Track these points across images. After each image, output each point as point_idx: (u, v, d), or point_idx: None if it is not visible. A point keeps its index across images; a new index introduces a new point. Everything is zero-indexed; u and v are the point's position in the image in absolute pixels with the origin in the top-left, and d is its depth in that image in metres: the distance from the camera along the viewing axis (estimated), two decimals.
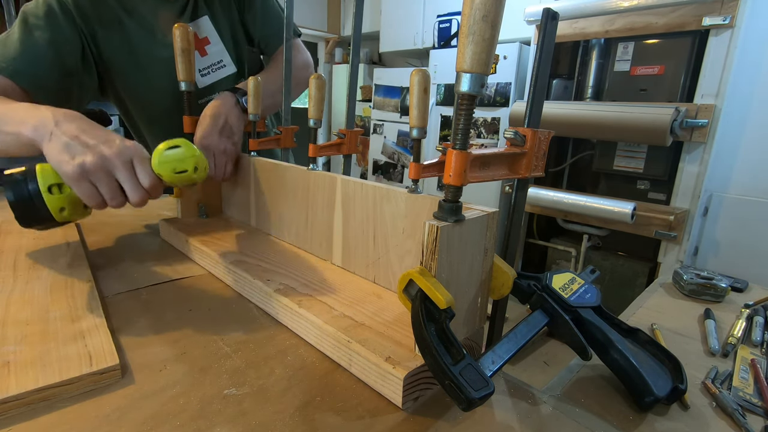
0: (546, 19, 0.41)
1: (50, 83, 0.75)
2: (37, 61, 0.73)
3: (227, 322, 0.49)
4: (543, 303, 0.42)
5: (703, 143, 1.75)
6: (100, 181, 0.50)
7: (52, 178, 0.50)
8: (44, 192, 0.50)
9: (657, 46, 1.89)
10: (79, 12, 0.78)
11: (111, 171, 0.50)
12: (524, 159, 0.45)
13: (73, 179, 0.49)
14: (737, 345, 0.51)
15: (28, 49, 0.73)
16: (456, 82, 0.34)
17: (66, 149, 0.49)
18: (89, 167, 0.49)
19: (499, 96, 2.60)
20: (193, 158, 0.54)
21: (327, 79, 4.63)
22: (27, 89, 0.72)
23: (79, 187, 0.50)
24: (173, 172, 0.52)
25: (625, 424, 0.37)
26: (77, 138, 0.50)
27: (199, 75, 0.94)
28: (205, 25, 0.91)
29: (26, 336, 0.42)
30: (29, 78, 0.72)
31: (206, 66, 0.94)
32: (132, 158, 0.51)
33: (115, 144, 0.50)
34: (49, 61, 0.74)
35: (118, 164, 0.50)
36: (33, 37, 0.73)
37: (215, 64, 0.95)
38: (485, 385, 0.32)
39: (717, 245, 1.93)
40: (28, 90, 0.72)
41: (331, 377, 0.40)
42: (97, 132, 0.51)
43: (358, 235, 0.56)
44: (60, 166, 0.49)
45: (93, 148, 0.49)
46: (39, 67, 0.73)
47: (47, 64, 0.74)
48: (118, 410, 0.35)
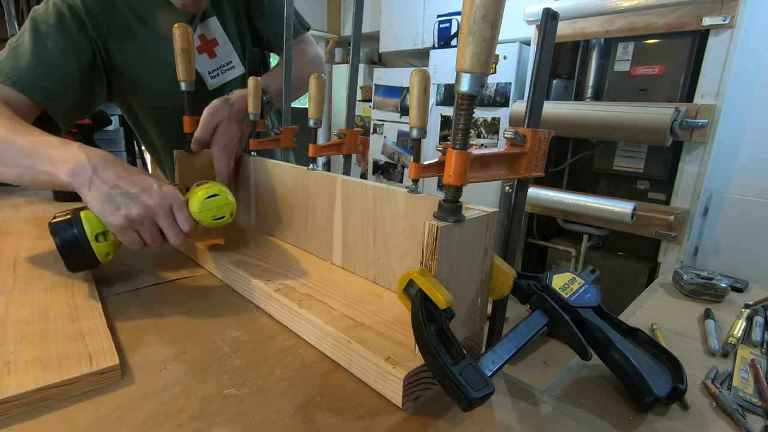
0: (546, 19, 0.41)
1: (62, 96, 0.74)
2: (50, 74, 0.72)
3: (227, 322, 0.49)
4: (543, 303, 0.42)
5: (703, 143, 1.75)
6: (143, 229, 0.53)
7: (98, 227, 0.53)
8: (92, 241, 0.52)
9: (657, 46, 1.89)
10: (91, 19, 0.77)
11: (154, 219, 0.53)
12: (524, 159, 0.45)
13: (119, 230, 0.51)
14: (737, 345, 0.51)
15: (41, 60, 0.71)
16: (456, 82, 0.34)
17: (109, 200, 0.51)
18: (135, 218, 0.51)
19: (499, 96, 2.60)
20: (229, 205, 0.58)
21: (327, 79, 4.63)
22: (40, 102, 0.71)
23: (124, 236, 0.52)
24: (212, 218, 0.57)
25: (625, 424, 0.37)
26: (118, 187, 0.51)
27: (209, 77, 0.94)
28: (214, 26, 0.91)
29: (26, 336, 0.42)
30: (43, 92, 0.71)
31: (216, 68, 0.94)
32: (172, 205, 0.54)
33: (155, 191, 0.52)
34: (62, 72, 0.73)
35: (161, 213, 0.53)
36: (45, 47, 0.72)
37: (225, 66, 0.94)
38: (485, 385, 0.32)
39: (717, 245, 1.93)
40: (41, 103, 0.71)
41: (331, 377, 0.40)
42: (135, 177, 0.53)
43: (358, 235, 0.56)
44: (106, 218, 0.51)
45: (135, 198, 0.51)
46: (52, 79, 0.72)
47: (60, 76, 0.73)
48: (118, 410, 0.35)
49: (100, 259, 0.54)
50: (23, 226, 0.78)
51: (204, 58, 0.92)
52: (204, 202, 0.56)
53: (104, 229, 0.53)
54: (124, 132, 1.58)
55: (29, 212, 0.88)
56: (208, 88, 0.94)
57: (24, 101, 0.69)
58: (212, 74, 0.94)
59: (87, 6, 0.77)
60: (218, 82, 0.95)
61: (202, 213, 0.56)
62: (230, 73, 0.95)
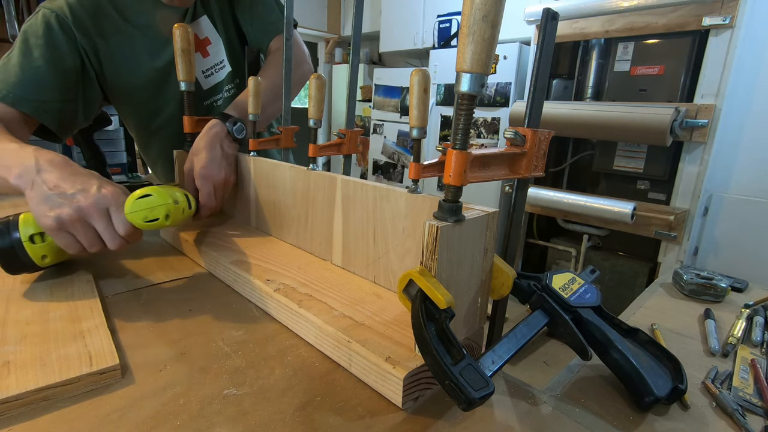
0: (546, 19, 0.41)
1: (53, 105, 0.74)
2: (39, 86, 0.72)
3: (227, 322, 0.49)
4: (543, 303, 0.42)
5: (703, 143, 1.75)
6: (77, 231, 0.51)
7: (33, 228, 0.52)
8: (26, 242, 0.51)
9: (657, 46, 1.89)
10: (79, 26, 0.77)
11: (88, 221, 0.51)
12: (524, 159, 0.45)
13: (51, 230, 0.50)
14: (737, 345, 0.51)
15: (28, 73, 0.71)
16: (456, 82, 0.35)
17: (45, 200, 0.50)
18: (65, 219, 0.50)
19: (499, 96, 2.60)
20: (164, 206, 0.54)
21: (327, 79, 4.64)
22: (30, 114, 0.71)
23: (57, 238, 0.51)
24: (144, 220, 0.53)
25: (625, 424, 0.37)
26: (57, 188, 0.51)
27: (202, 76, 0.93)
28: (204, 25, 0.91)
29: (26, 336, 0.42)
30: (32, 104, 0.71)
31: (209, 66, 0.94)
32: (108, 207, 0.52)
33: (92, 193, 0.51)
34: (51, 83, 0.74)
35: (94, 215, 0.51)
36: (32, 60, 0.72)
37: (217, 65, 0.94)
38: (485, 385, 0.32)
39: (717, 245, 1.93)
40: (32, 115, 0.72)
41: (331, 377, 0.40)
42: (77, 179, 0.52)
43: (358, 235, 0.56)
44: (39, 218, 0.50)
45: (70, 199, 0.50)
46: (41, 92, 0.72)
47: (49, 87, 0.73)
48: (118, 410, 0.35)
49: (37, 262, 0.52)
50: None
51: (198, 58, 0.92)
52: (135, 203, 0.53)
53: (40, 230, 0.52)
54: (124, 132, 1.57)
55: None
56: (203, 87, 0.94)
57: (16, 115, 0.70)
58: (206, 73, 0.94)
59: (74, 13, 0.77)
60: (212, 82, 0.95)
61: (133, 214, 0.52)
62: (222, 72, 0.95)
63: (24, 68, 0.72)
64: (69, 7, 0.77)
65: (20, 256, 0.51)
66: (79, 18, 0.78)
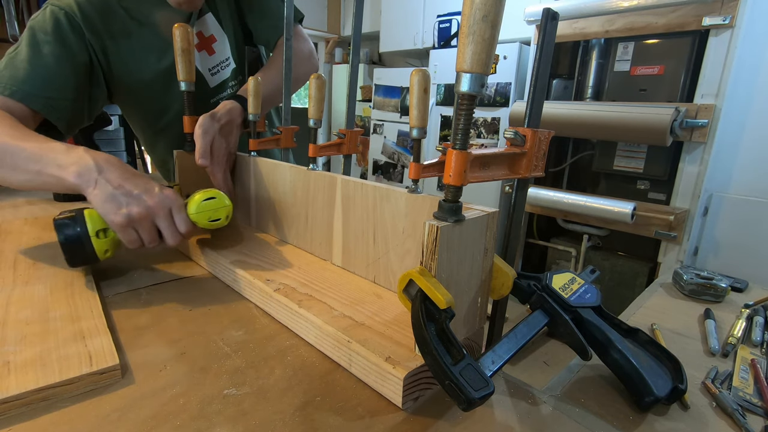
0: (546, 19, 0.41)
1: (62, 103, 0.74)
2: (48, 82, 0.72)
3: (227, 322, 0.49)
4: (543, 303, 0.42)
5: (703, 143, 1.75)
6: (142, 228, 0.55)
7: (99, 224, 0.55)
8: (92, 236, 0.54)
9: (657, 46, 1.89)
10: (87, 23, 0.77)
11: (153, 219, 0.55)
12: (524, 159, 0.45)
13: (119, 226, 0.54)
14: (737, 345, 0.51)
15: (38, 70, 0.71)
16: (456, 82, 0.34)
17: (112, 199, 0.53)
18: (135, 217, 0.54)
19: (499, 96, 2.60)
20: (225, 208, 0.62)
21: (327, 79, 4.63)
22: (39, 111, 0.71)
23: (123, 233, 0.54)
24: (208, 220, 0.60)
25: (625, 424, 0.37)
26: (121, 187, 0.54)
27: (209, 74, 0.93)
28: (210, 23, 0.91)
29: (26, 336, 0.42)
30: (41, 100, 0.71)
31: (215, 64, 0.94)
32: (171, 207, 0.56)
33: (155, 193, 0.56)
34: (59, 80, 0.73)
35: (160, 214, 0.55)
36: (42, 56, 0.72)
37: (223, 62, 0.94)
38: (485, 385, 0.32)
39: (717, 245, 1.93)
40: (41, 112, 0.72)
41: (331, 377, 0.40)
42: (138, 180, 0.56)
43: (358, 235, 0.56)
44: (107, 215, 0.53)
45: (137, 198, 0.54)
46: (49, 88, 0.72)
47: (57, 84, 0.73)
48: (118, 410, 0.35)
49: (99, 256, 0.56)
50: (23, 226, 0.78)
51: (203, 56, 0.92)
52: (201, 204, 0.59)
53: (105, 227, 0.55)
54: (124, 132, 1.57)
55: (29, 212, 0.88)
56: (210, 85, 0.94)
57: (24, 110, 0.70)
58: (212, 71, 0.94)
59: (83, 11, 0.77)
60: (218, 79, 0.95)
61: (199, 214, 0.59)
62: (227, 70, 0.95)
63: (33, 64, 0.71)
64: (78, 5, 0.77)
65: (86, 249, 0.54)
66: (88, 16, 0.78)
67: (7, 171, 0.58)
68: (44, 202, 0.97)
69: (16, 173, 0.58)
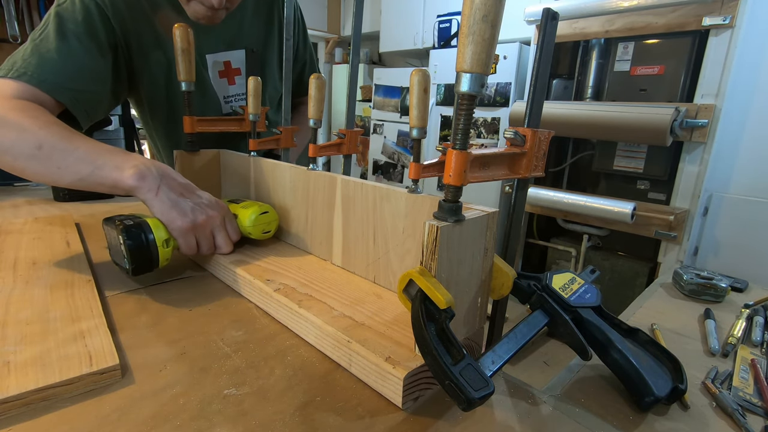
0: (546, 19, 0.41)
1: (89, 96, 0.73)
2: (77, 76, 0.70)
3: (227, 322, 0.49)
4: (543, 303, 0.42)
5: (703, 143, 1.75)
6: (203, 236, 0.58)
7: (164, 233, 0.56)
8: (160, 246, 0.56)
9: (657, 46, 1.89)
10: (117, 16, 0.75)
11: (212, 228, 0.59)
12: (524, 159, 0.45)
13: (182, 233, 0.56)
14: (737, 345, 0.51)
15: (68, 62, 0.69)
16: (456, 82, 0.34)
17: (175, 206, 0.56)
18: (199, 224, 0.57)
19: (499, 96, 2.59)
20: (276, 221, 0.67)
21: (327, 79, 4.64)
22: (65, 103, 0.69)
23: (185, 239, 0.57)
24: (262, 232, 0.65)
25: (625, 424, 0.37)
26: (183, 195, 0.57)
27: (223, 101, 0.95)
28: (239, 58, 0.93)
29: (26, 336, 0.42)
30: (69, 93, 0.69)
31: (232, 94, 0.96)
32: (225, 216, 0.60)
33: (214, 203, 0.60)
34: (88, 73, 0.72)
35: (218, 222, 0.59)
36: (72, 47, 0.70)
37: (239, 95, 0.97)
38: (485, 385, 0.32)
39: (717, 245, 1.93)
40: (67, 105, 0.69)
41: (331, 377, 0.40)
42: (192, 188, 0.60)
43: (358, 235, 0.56)
44: (174, 222, 0.55)
45: (199, 206, 0.58)
46: (78, 81, 0.70)
47: (87, 78, 0.72)
48: (118, 410, 0.35)
49: (161, 264, 0.57)
50: (23, 226, 0.78)
51: (223, 83, 0.94)
52: (258, 218, 0.64)
53: (168, 237, 0.56)
54: (124, 132, 1.57)
55: (29, 212, 0.88)
56: (222, 111, 0.96)
57: (48, 101, 0.68)
58: (227, 100, 0.95)
59: (114, 4, 0.75)
60: (228, 109, 0.97)
61: (254, 227, 0.63)
62: (239, 103, 0.97)
63: (64, 55, 0.69)
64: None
65: (153, 257, 0.55)
66: (118, 9, 0.76)
67: (53, 169, 0.57)
68: (44, 203, 0.97)
69: (64, 172, 0.57)
